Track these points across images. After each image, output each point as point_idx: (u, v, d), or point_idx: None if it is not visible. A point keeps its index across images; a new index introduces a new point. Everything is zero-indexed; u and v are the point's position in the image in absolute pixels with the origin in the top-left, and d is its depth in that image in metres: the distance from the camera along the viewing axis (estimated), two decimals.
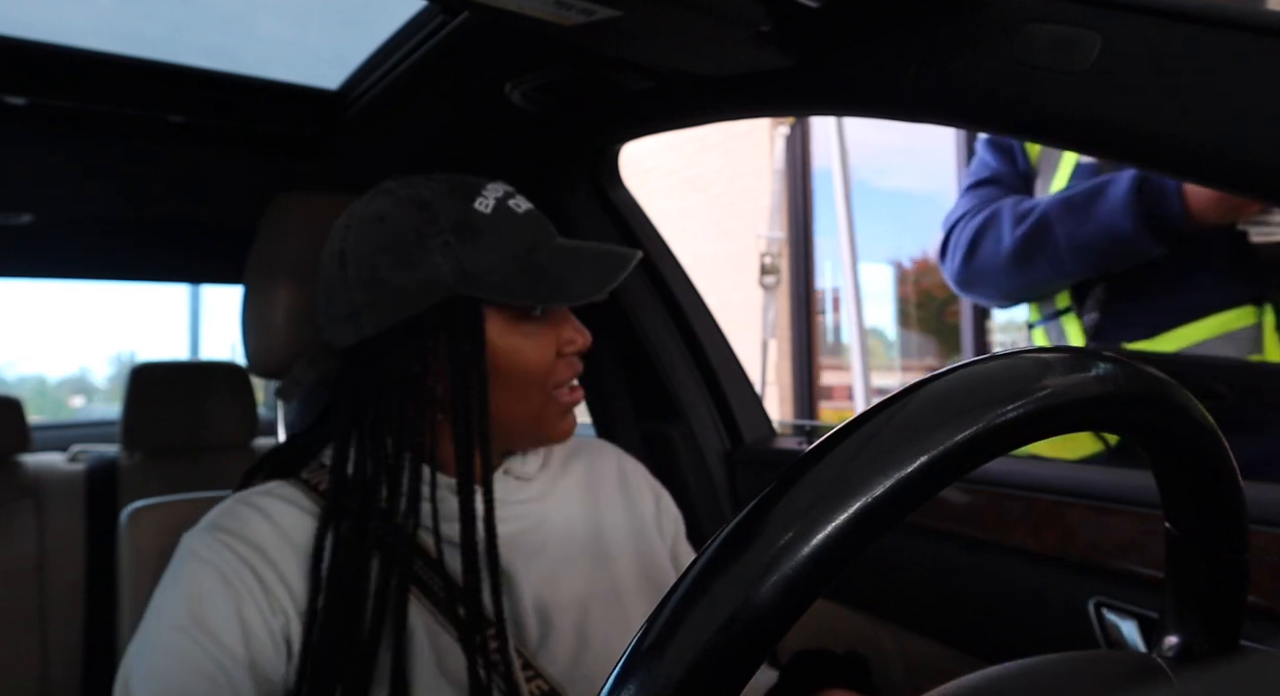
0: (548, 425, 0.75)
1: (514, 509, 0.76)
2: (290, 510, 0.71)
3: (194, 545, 0.67)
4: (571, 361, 0.75)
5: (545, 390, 0.73)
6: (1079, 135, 0.60)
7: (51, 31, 1.08)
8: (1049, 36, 0.59)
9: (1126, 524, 0.76)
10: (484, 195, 0.72)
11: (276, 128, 1.32)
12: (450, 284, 0.69)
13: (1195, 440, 0.35)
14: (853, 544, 0.27)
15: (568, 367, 0.75)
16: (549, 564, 0.75)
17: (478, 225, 0.70)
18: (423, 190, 0.72)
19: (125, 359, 7.21)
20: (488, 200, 0.72)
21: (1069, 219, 1.12)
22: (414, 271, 0.69)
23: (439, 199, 0.71)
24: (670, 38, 0.74)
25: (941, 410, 0.29)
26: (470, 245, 0.70)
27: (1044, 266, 1.16)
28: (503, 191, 0.74)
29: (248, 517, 0.69)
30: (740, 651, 0.26)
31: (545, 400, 0.73)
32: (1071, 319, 1.22)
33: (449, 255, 0.69)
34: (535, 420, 0.74)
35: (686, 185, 5.65)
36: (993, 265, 1.22)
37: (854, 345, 4.12)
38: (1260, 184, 0.52)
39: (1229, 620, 0.40)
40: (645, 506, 0.87)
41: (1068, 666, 0.36)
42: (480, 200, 0.71)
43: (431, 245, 0.69)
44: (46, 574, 1.49)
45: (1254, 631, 0.47)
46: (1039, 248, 1.15)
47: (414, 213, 0.70)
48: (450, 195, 0.71)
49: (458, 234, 0.69)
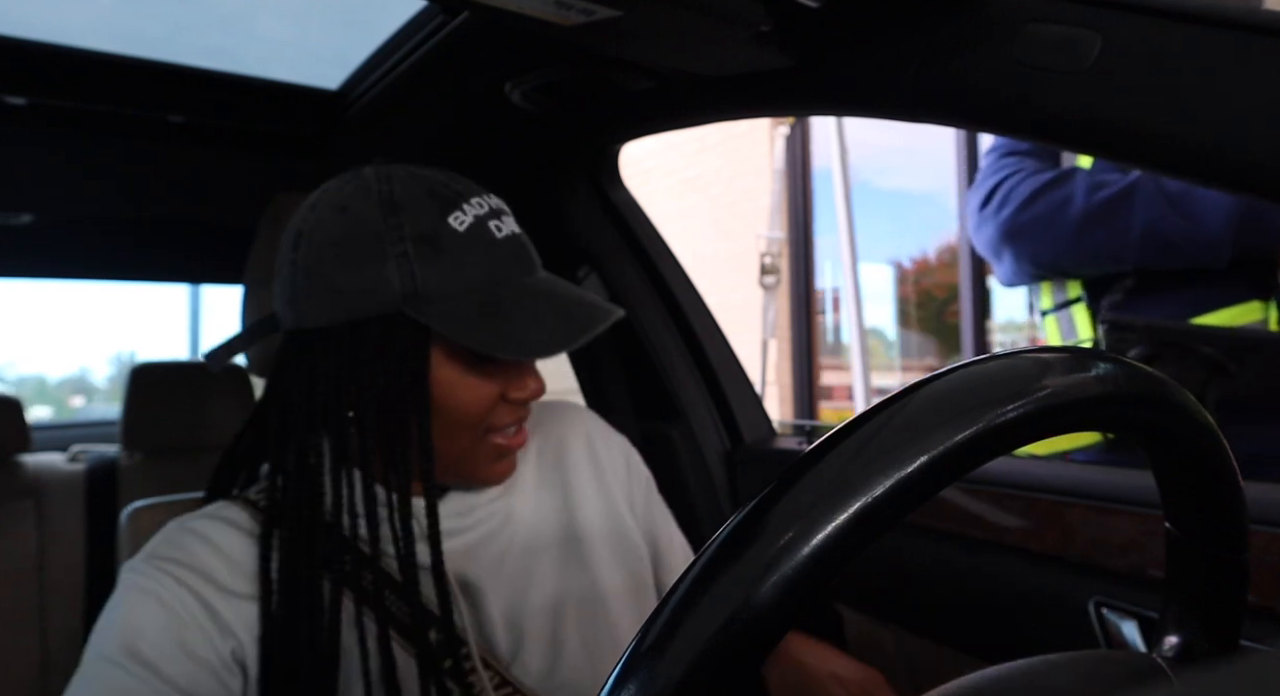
0: (478, 468, 0.68)
1: (474, 516, 0.71)
2: (231, 532, 0.66)
3: (132, 575, 0.63)
4: (516, 407, 0.68)
5: (476, 433, 0.66)
6: (1079, 135, 0.60)
7: (51, 31, 1.08)
8: (1049, 36, 0.59)
9: (1126, 524, 0.76)
10: (464, 209, 0.64)
11: (276, 128, 1.32)
12: (395, 299, 0.62)
13: (1195, 440, 0.35)
14: (853, 544, 0.27)
15: (510, 413, 0.68)
16: (516, 569, 0.71)
17: (444, 243, 0.63)
18: (398, 188, 0.64)
19: (125, 359, 7.21)
20: (466, 217, 0.64)
21: (1158, 204, 1.12)
22: (359, 274, 0.62)
23: (412, 202, 0.63)
24: (670, 38, 0.74)
25: (941, 410, 0.29)
26: (429, 263, 0.62)
27: (1104, 239, 1.16)
28: (488, 208, 0.66)
29: (187, 543, 0.64)
30: (740, 651, 0.26)
31: (476, 443, 0.67)
32: (1082, 309, 1.22)
33: (403, 268, 0.62)
34: (462, 461, 0.67)
35: (686, 185, 5.65)
36: (1051, 222, 1.20)
37: (854, 345, 4.12)
38: (1260, 184, 0.52)
39: (1229, 620, 0.40)
40: (617, 477, 0.82)
41: (1068, 666, 0.36)
42: (457, 215, 0.64)
43: (388, 251, 0.62)
44: (46, 574, 1.49)
45: (1254, 631, 0.47)
46: (1110, 220, 1.15)
47: (379, 211, 0.63)
48: (427, 199, 0.64)
49: (419, 247, 0.62)
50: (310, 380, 0.64)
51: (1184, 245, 1.11)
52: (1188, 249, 1.11)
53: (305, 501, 0.64)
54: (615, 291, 1.25)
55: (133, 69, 1.15)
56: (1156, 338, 1.09)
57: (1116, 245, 1.15)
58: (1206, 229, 1.09)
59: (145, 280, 2.10)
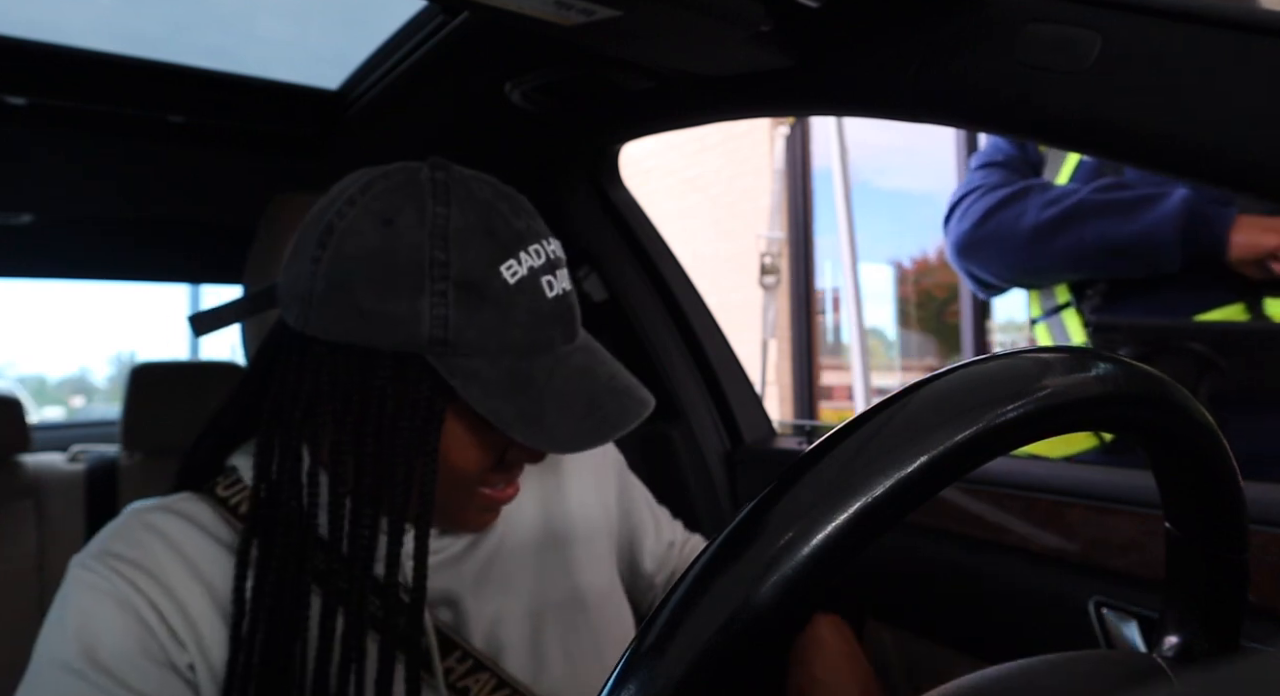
0: (462, 517, 0.65)
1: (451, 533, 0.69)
2: (191, 531, 0.61)
3: (82, 573, 0.58)
4: (515, 470, 0.65)
5: (469, 489, 0.63)
6: (1079, 135, 0.60)
7: (51, 31, 1.08)
8: (1049, 36, 0.59)
9: (1126, 524, 0.76)
10: (520, 258, 0.58)
11: (276, 128, 1.32)
12: (420, 341, 0.56)
13: (1195, 440, 0.35)
14: (853, 544, 0.27)
15: (506, 473, 0.64)
16: (498, 576, 0.69)
17: (489, 293, 0.56)
18: (455, 215, 0.57)
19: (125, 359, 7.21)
20: (520, 268, 0.57)
21: (1109, 216, 1.15)
22: (388, 303, 0.56)
23: (466, 237, 0.57)
24: (670, 38, 0.74)
25: (941, 410, 0.29)
26: (468, 312, 0.56)
27: (1059, 253, 1.19)
28: (544, 259, 0.59)
29: (140, 539, 0.60)
30: (740, 651, 0.26)
31: (467, 497, 0.63)
32: (1072, 314, 1.23)
33: (437, 309, 0.55)
34: (449, 510, 0.64)
35: (686, 185, 5.65)
36: (1006, 237, 1.24)
37: (854, 345, 4.12)
38: (1260, 184, 0.52)
39: (1229, 620, 0.40)
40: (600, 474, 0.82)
41: (1068, 666, 0.36)
42: (511, 264, 0.57)
43: (425, 287, 0.55)
44: (46, 574, 1.49)
45: (1254, 631, 0.47)
46: (1064, 233, 1.18)
47: (427, 239, 0.56)
48: (483, 237, 0.57)
49: (460, 291, 0.56)
50: (311, 392, 0.58)
51: (1135, 252, 1.14)
52: (1139, 256, 1.14)
53: (295, 517, 0.59)
54: (615, 291, 1.25)
55: (133, 69, 1.15)
56: (1143, 337, 1.10)
57: (1071, 257, 1.19)
58: (1152, 233, 1.12)
59: (145, 280, 2.10)
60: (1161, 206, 1.12)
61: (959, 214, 1.30)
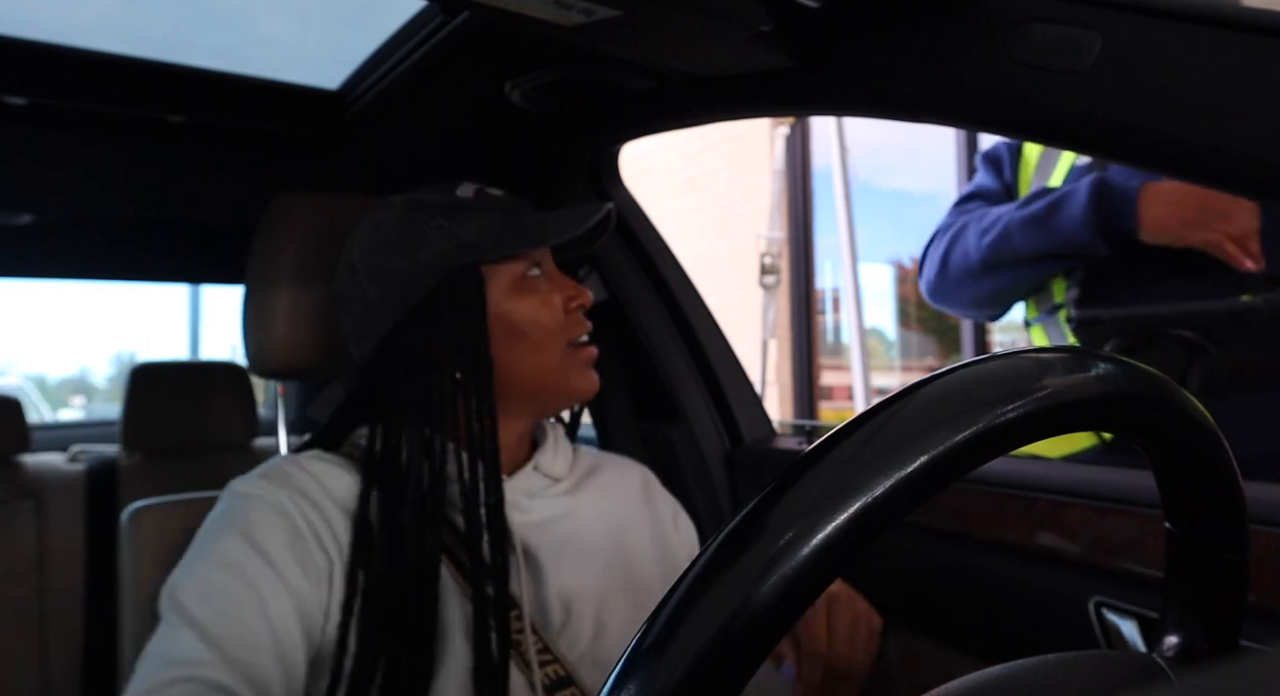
0: (571, 380, 0.79)
1: (542, 501, 0.80)
2: (333, 470, 0.74)
3: (244, 488, 0.71)
4: (579, 318, 0.80)
5: (561, 343, 0.78)
6: (1079, 135, 0.60)
7: (52, 31, 1.08)
8: (1049, 36, 0.59)
9: (1126, 524, 0.76)
10: (463, 186, 0.80)
11: (276, 128, 1.32)
12: (452, 256, 0.74)
13: (1195, 440, 0.35)
14: (853, 544, 0.27)
15: (578, 323, 0.80)
16: (575, 553, 0.78)
17: (463, 206, 0.78)
18: (410, 194, 0.80)
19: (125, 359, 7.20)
20: (468, 189, 0.80)
21: (1030, 230, 1.16)
22: (417, 255, 0.75)
23: (425, 195, 0.79)
24: (670, 38, 0.74)
25: (941, 410, 0.29)
26: (461, 222, 0.76)
27: (1008, 275, 1.22)
28: (477, 184, 0.81)
29: (293, 472, 0.73)
30: (740, 651, 0.26)
31: (565, 353, 0.78)
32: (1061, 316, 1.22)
33: (444, 233, 0.75)
34: (558, 376, 0.78)
35: (686, 185, 5.65)
36: (961, 275, 1.27)
37: (854, 345, 4.12)
38: (1260, 184, 0.52)
39: (1229, 620, 0.40)
40: (665, 517, 0.90)
41: (1068, 666, 0.36)
42: (461, 188, 0.80)
43: (426, 229, 0.76)
44: (46, 574, 1.49)
45: (1254, 631, 0.47)
46: (1002, 257, 1.20)
47: (406, 209, 0.78)
48: (433, 191, 0.80)
49: (449, 215, 0.76)
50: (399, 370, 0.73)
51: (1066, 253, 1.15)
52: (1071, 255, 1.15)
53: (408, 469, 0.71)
54: (615, 291, 1.25)
55: (133, 69, 1.15)
56: (1129, 327, 1.09)
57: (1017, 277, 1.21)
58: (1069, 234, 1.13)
59: (145, 280, 2.10)
60: (1072, 203, 1.12)
61: (926, 262, 1.33)
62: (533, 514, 0.78)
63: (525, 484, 0.79)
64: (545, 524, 0.78)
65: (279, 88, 1.26)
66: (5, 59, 1.08)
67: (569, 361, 0.79)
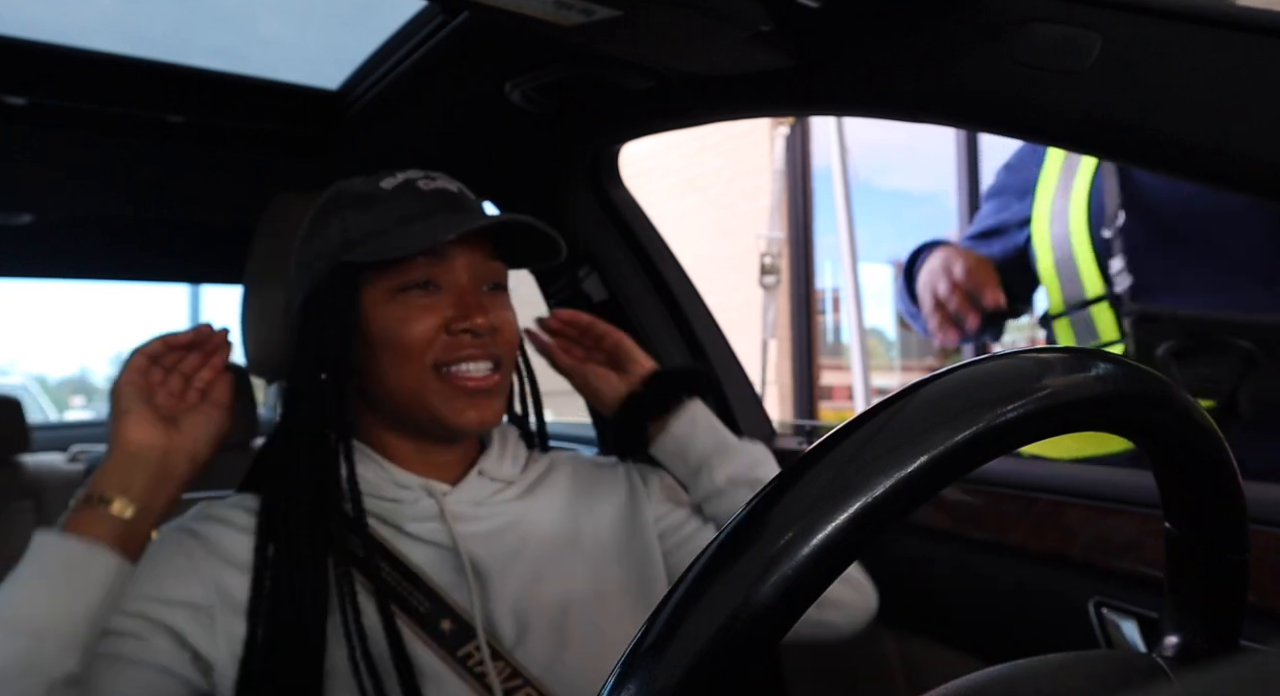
0: (438, 407, 0.70)
1: (490, 508, 0.75)
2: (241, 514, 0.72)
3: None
4: (461, 341, 0.70)
5: (424, 366, 0.70)
6: (1079, 135, 0.60)
7: (52, 31, 1.08)
8: (1049, 36, 0.59)
9: (1126, 524, 0.76)
10: (396, 175, 0.74)
11: (276, 128, 1.32)
12: (336, 252, 0.71)
13: (1195, 440, 0.35)
14: (853, 544, 0.27)
15: (458, 347, 0.70)
16: (526, 565, 0.74)
17: (374, 197, 0.72)
18: (344, 184, 0.76)
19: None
20: (397, 178, 0.74)
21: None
22: (313, 243, 0.74)
23: (352, 185, 0.75)
24: (670, 38, 0.74)
25: (941, 410, 0.29)
26: (362, 215, 0.72)
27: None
28: (420, 174, 0.75)
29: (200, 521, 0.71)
30: (740, 651, 0.26)
31: (427, 378, 0.70)
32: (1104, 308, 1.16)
33: (342, 225, 0.72)
34: (422, 401, 0.70)
35: (686, 185, 5.65)
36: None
37: (854, 345, 4.12)
38: (1260, 184, 0.52)
39: (1229, 620, 0.40)
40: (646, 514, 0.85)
41: (1068, 666, 0.36)
42: (388, 179, 0.74)
43: (332, 220, 0.73)
44: None
45: (1254, 631, 0.47)
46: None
47: (326, 199, 0.76)
48: (364, 180, 0.75)
49: (354, 208, 0.72)
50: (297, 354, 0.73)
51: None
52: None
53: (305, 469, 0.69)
54: (615, 291, 1.25)
55: (133, 69, 1.15)
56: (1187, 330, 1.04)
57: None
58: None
59: (145, 280, 2.10)
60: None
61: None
62: (480, 523, 0.74)
63: (471, 492, 0.74)
64: (494, 534, 0.74)
65: (279, 88, 1.26)
66: (5, 59, 1.08)
67: (434, 386, 0.70)
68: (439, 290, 0.71)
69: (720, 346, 1.28)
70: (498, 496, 0.76)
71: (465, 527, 0.73)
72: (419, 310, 0.70)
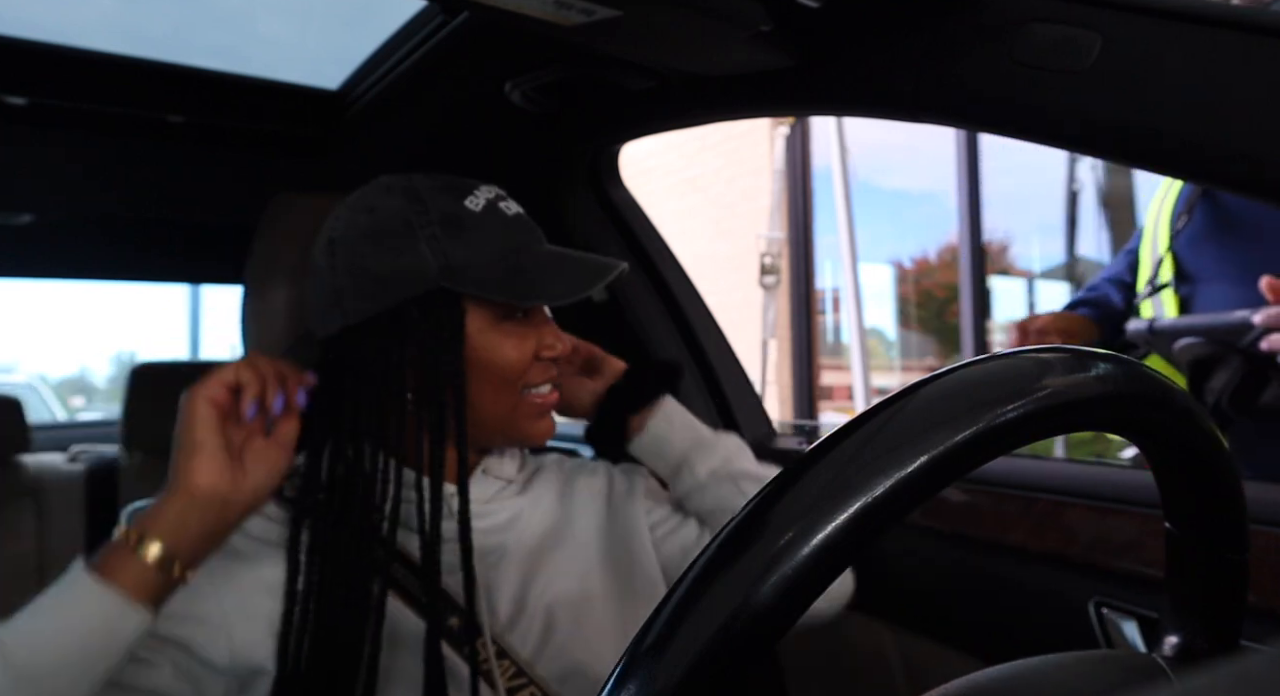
0: (522, 426, 0.75)
1: (490, 505, 0.77)
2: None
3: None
4: (548, 366, 0.76)
5: (517, 390, 0.73)
6: (1079, 135, 0.60)
7: (52, 31, 1.08)
8: (1049, 36, 0.59)
9: (1126, 524, 0.76)
10: (475, 195, 0.73)
11: (277, 128, 1.32)
12: (433, 275, 0.69)
13: (1195, 440, 0.35)
14: (853, 544, 0.27)
15: (544, 371, 0.75)
16: (517, 561, 0.76)
17: (466, 221, 0.71)
18: (417, 182, 0.73)
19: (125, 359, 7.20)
20: (479, 199, 0.73)
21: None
22: (398, 259, 0.69)
23: (431, 193, 0.72)
24: (670, 38, 0.74)
25: (941, 410, 0.29)
26: (456, 240, 0.70)
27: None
28: (494, 193, 0.75)
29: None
30: (740, 651, 0.26)
31: (518, 401, 0.74)
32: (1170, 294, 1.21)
33: (435, 247, 0.69)
34: (509, 420, 0.74)
35: (686, 185, 5.65)
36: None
37: (854, 345, 4.12)
38: (1260, 184, 0.52)
39: (1229, 620, 0.40)
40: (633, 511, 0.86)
41: (1068, 666, 0.36)
42: (472, 199, 0.72)
43: (419, 235, 0.70)
44: (46, 574, 1.49)
45: (1254, 631, 0.47)
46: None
47: (404, 203, 0.71)
48: (443, 191, 0.72)
49: (445, 227, 0.70)
50: (365, 371, 0.69)
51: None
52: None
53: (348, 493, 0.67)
54: (615, 291, 1.25)
55: (133, 69, 1.15)
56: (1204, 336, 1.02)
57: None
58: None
59: (145, 280, 2.10)
60: None
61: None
62: (486, 520, 0.76)
63: (479, 491, 0.77)
64: (497, 529, 0.77)
65: (279, 88, 1.26)
66: (5, 59, 1.08)
67: (521, 408, 0.74)
68: (527, 319, 0.75)
69: (720, 346, 1.28)
70: (501, 493, 0.79)
71: (479, 523, 0.74)
72: (519, 338, 0.73)
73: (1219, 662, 0.38)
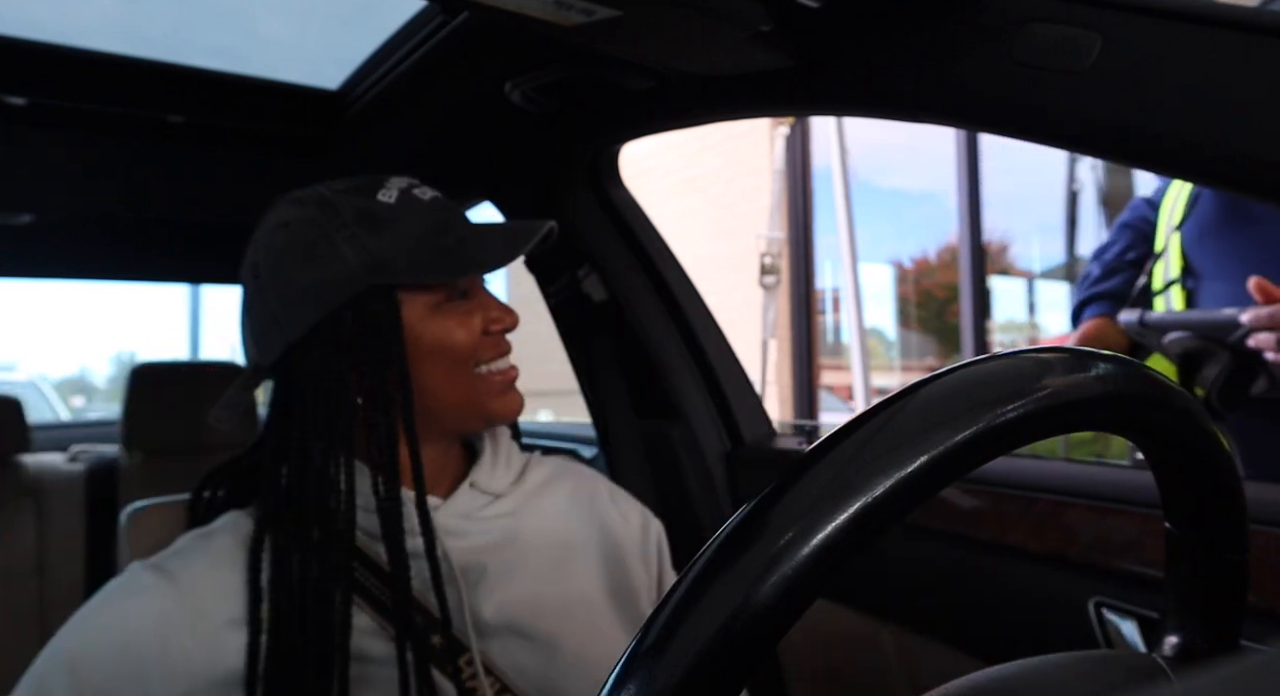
0: (487, 405, 0.74)
1: (483, 523, 0.74)
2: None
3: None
4: (498, 340, 0.75)
5: (471, 370, 0.73)
6: (1079, 135, 0.60)
7: (53, 31, 1.08)
8: (1049, 36, 0.59)
9: (1126, 524, 0.76)
10: (387, 187, 0.73)
11: (276, 128, 1.32)
12: (360, 275, 0.68)
13: (1195, 440, 0.35)
14: (853, 544, 0.27)
15: (494, 346, 0.74)
16: (518, 578, 0.74)
17: (381, 214, 0.70)
18: (322, 191, 0.72)
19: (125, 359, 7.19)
20: (391, 191, 0.72)
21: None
22: (323, 268, 0.68)
23: (340, 195, 0.71)
24: (670, 38, 0.74)
25: (941, 410, 0.29)
26: (376, 234, 0.69)
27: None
28: (406, 182, 0.74)
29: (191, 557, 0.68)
30: (740, 651, 0.26)
31: (473, 379, 0.73)
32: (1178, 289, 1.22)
33: (355, 246, 0.68)
34: (472, 402, 0.73)
35: (686, 185, 5.65)
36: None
37: (854, 345, 4.12)
38: (1260, 184, 0.52)
39: (1229, 620, 0.40)
40: (629, 533, 0.84)
41: (1068, 666, 0.36)
42: (384, 192, 0.72)
43: (337, 239, 0.69)
44: (46, 574, 1.49)
45: (1254, 631, 0.47)
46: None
47: (316, 211, 0.70)
48: (352, 192, 0.72)
49: (361, 225, 0.69)
50: (313, 386, 0.68)
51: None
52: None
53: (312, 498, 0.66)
54: (615, 291, 1.25)
55: (133, 69, 1.15)
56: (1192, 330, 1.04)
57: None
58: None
59: (145, 280, 2.10)
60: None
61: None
62: (467, 539, 0.72)
63: (462, 505, 0.74)
64: (481, 550, 0.73)
65: (279, 88, 1.26)
66: (5, 59, 1.08)
67: (481, 387, 0.73)
68: (468, 297, 0.74)
69: (720, 346, 1.28)
70: (487, 510, 0.75)
71: (456, 543, 0.72)
72: (463, 316, 0.72)
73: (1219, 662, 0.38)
